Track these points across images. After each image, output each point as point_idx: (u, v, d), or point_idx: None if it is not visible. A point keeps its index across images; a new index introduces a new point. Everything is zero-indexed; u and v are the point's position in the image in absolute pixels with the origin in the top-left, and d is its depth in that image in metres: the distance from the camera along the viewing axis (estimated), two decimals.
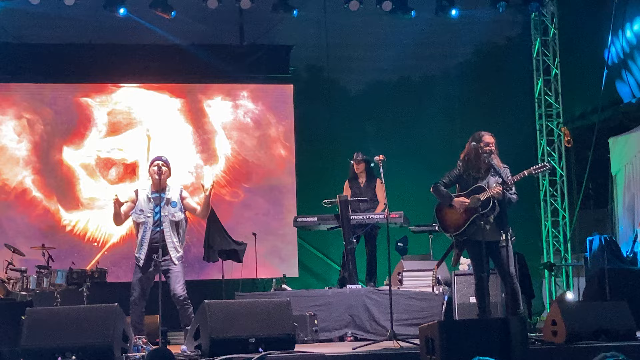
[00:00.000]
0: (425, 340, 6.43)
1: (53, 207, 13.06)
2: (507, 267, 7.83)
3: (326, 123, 13.69)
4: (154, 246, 8.01)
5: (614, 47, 12.89)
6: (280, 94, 14.08)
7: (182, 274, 8.19)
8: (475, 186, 7.94)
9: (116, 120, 13.45)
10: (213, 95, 13.86)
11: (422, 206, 10.08)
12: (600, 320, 7.41)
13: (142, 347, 7.47)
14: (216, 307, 7.18)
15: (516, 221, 8.77)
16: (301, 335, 8.59)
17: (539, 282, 13.09)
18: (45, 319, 7.00)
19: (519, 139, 13.40)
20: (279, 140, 13.89)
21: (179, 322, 8.25)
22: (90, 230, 13.12)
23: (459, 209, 7.92)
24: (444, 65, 14.30)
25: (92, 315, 6.99)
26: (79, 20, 12.77)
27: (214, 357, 6.71)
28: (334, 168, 12.35)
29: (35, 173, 13.09)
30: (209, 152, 13.66)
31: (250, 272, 12.10)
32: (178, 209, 8.23)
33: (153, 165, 8.27)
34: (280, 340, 7.05)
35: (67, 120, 13.30)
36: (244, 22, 13.70)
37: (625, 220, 12.42)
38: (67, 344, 6.60)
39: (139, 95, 13.60)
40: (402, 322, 8.86)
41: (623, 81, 12.86)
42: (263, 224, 13.15)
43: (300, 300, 9.17)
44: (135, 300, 8.12)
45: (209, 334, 6.89)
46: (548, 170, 8.22)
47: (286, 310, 7.32)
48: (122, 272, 12.05)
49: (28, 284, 10.61)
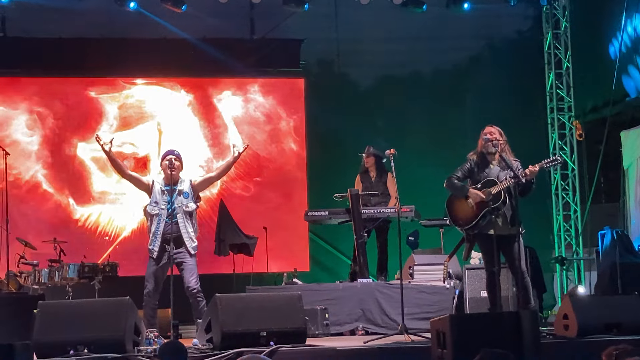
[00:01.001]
0: (437, 334, 6.42)
1: (64, 201, 13.11)
2: (518, 261, 7.83)
3: (337, 117, 13.67)
4: (167, 238, 8.03)
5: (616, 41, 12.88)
6: (291, 88, 14.08)
7: (196, 266, 8.22)
8: (487, 179, 7.93)
9: (127, 115, 13.48)
10: (224, 89, 13.86)
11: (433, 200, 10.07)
12: (612, 314, 7.39)
13: (154, 341, 7.49)
14: (227, 300, 7.19)
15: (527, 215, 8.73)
16: (312, 329, 8.59)
17: (550, 276, 13.06)
18: (57, 312, 7.02)
19: (530, 132, 13.37)
20: (289, 134, 13.90)
21: (191, 316, 8.27)
22: (101, 224, 13.16)
23: (473, 201, 7.90)
24: (455, 59, 14.26)
25: (104, 309, 7.02)
26: (90, 14, 12.77)
27: (225, 350, 6.72)
28: (344, 162, 12.33)
29: (46, 167, 13.12)
30: (220, 146, 13.67)
31: (261, 266, 12.12)
32: (190, 199, 8.26)
33: (165, 159, 8.29)
34: (292, 334, 7.06)
35: (79, 114, 13.33)
36: (254, 16, 13.67)
37: (637, 213, 12.38)
38: (79, 338, 6.61)
39: (150, 90, 13.62)
40: (413, 316, 8.85)
41: (629, 76, 12.82)
42: (274, 218, 13.14)
43: (311, 294, 9.18)
44: (150, 292, 8.14)
45: (220, 327, 6.90)
46: (560, 163, 8.21)
47: (297, 304, 7.32)
48: (133, 265, 12.05)
49: (40, 277, 10.65)
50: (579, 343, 7.12)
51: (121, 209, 13.19)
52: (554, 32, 13.87)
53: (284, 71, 14.06)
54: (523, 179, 7.76)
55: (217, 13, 13.03)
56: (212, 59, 13.37)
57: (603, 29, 13.35)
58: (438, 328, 6.42)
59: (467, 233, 8.08)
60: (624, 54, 12.64)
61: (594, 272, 12.02)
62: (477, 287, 9.64)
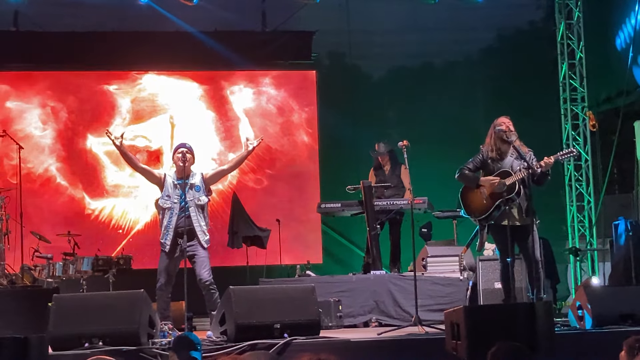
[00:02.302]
0: (451, 325, 6.41)
1: (78, 195, 13.15)
2: (533, 251, 7.81)
3: (349, 109, 13.66)
4: (179, 231, 8.05)
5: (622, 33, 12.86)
6: (303, 80, 14.08)
7: (208, 259, 8.23)
8: (501, 171, 7.92)
9: (140, 108, 13.50)
10: (236, 81, 13.87)
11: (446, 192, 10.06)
12: (626, 305, 7.36)
13: (169, 333, 7.52)
14: (241, 293, 7.21)
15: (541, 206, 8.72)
16: (326, 321, 8.60)
17: (564, 267, 13.03)
18: (72, 305, 7.06)
19: (543, 123, 13.32)
20: (302, 126, 13.89)
21: (205, 308, 8.29)
22: (115, 217, 13.20)
23: (486, 191, 7.89)
24: (467, 50, 14.22)
25: (119, 302, 7.04)
26: (102, 7, 12.79)
27: (239, 342, 6.73)
28: (357, 154, 12.34)
29: (60, 161, 13.17)
30: (232, 139, 13.68)
31: (275, 259, 12.14)
32: (202, 192, 8.27)
33: (177, 152, 8.30)
34: (305, 326, 7.07)
35: (91, 108, 13.36)
36: (266, 9, 13.67)
37: None
38: (94, 330, 6.64)
39: (162, 83, 13.64)
40: (427, 307, 8.84)
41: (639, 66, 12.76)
42: (287, 211, 13.15)
43: (325, 286, 9.18)
44: (162, 286, 8.16)
45: (234, 319, 6.91)
46: (575, 155, 8.20)
47: (311, 296, 7.33)
48: (147, 258, 12.09)
49: (54, 271, 10.69)
50: (593, 334, 7.11)
51: (134, 202, 13.23)
52: (566, 22, 13.80)
53: (296, 63, 14.05)
54: (538, 170, 7.74)
55: (229, 6, 13.05)
56: (224, 52, 13.38)
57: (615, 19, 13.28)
58: (452, 319, 6.41)
59: (481, 224, 8.07)
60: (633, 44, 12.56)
61: (608, 263, 11.98)
62: (491, 278, 9.64)
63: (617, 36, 13.31)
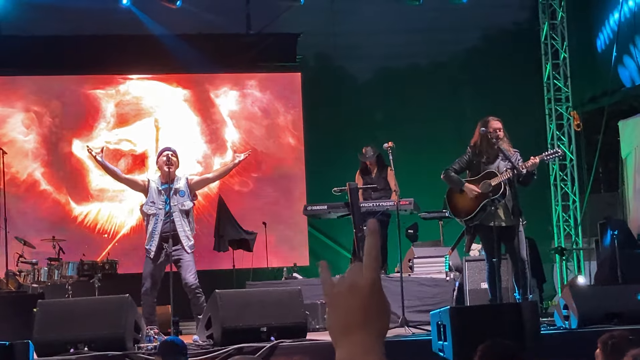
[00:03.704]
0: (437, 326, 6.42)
1: (63, 199, 13.09)
2: (519, 252, 7.83)
3: (335, 111, 13.65)
4: (164, 237, 8.02)
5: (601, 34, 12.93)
6: (288, 82, 14.06)
7: (194, 263, 8.21)
8: (486, 171, 7.93)
9: (124, 112, 13.45)
10: (221, 84, 13.84)
11: (432, 193, 10.07)
12: (612, 304, 7.39)
13: (154, 338, 7.49)
14: (227, 296, 7.19)
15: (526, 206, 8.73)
16: (313, 324, 8.58)
17: (550, 266, 13.05)
18: (57, 311, 7.03)
19: (528, 123, 13.35)
20: (287, 129, 13.87)
21: (191, 312, 8.27)
22: (100, 222, 13.14)
23: (470, 194, 7.91)
24: (452, 51, 14.24)
25: (104, 307, 7.02)
26: (86, 12, 12.74)
27: (226, 346, 6.71)
28: (343, 156, 12.32)
29: (44, 165, 13.10)
30: (217, 142, 13.65)
31: (261, 261, 12.11)
32: (187, 197, 8.25)
33: (162, 156, 8.28)
34: (292, 329, 7.06)
35: (76, 112, 13.30)
36: (250, 11, 13.65)
37: (636, 203, 12.36)
38: (79, 336, 6.62)
39: (147, 86, 13.60)
40: (414, 308, 8.84)
41: (624, 66, 12.82)
42: (273, 213, 13.13)
43: (312, 288, 9.16)
44: (147, 291, 8.13)
45: (220, 323, 6.89)
46: (560, 156, 8.22)
47: (297, 299, 7.32)
48: (132, 263, 12.03)
49: (39, 276, 10.62)
50: (579, 333, 7.12)
51: (120, 206, 13.17)
52: (550, 22, 13.84)
53: (281, 66, 14.03)
54: (523, 170, 7.77)
55: (213, 8, 13.01)
56: (208, 55, 13.35)
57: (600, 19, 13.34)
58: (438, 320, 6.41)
59: (467, 225, 8.08)
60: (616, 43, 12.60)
61: (594, 262, 12.01)
62: (477, 278, 9.64)
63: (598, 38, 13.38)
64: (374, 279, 1.73)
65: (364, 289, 1.72)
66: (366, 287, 1.72)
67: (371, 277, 1.73)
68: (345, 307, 1.72)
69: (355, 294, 1.72)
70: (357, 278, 1.73)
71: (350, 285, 1.73)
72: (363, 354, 1.69)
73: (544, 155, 7.96)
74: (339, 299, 1.73)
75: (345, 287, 1.73)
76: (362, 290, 1.72)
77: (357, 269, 1.75)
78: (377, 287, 1.73)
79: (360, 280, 1.73)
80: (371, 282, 1.73)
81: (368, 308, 1.71)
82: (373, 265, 1.74)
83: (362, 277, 1.73)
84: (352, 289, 1.72)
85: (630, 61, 12.62)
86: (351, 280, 1.74)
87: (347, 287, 1.73)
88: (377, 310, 1.72)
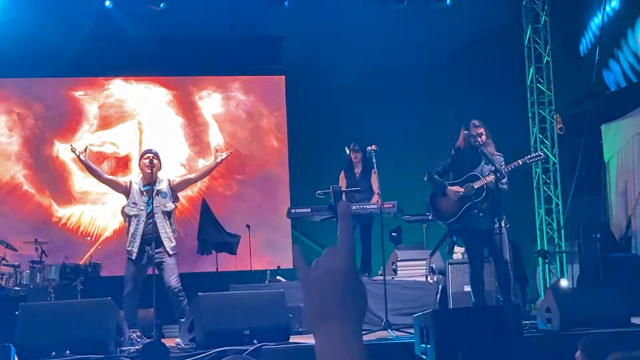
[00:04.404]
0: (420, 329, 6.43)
1: (46, 202, 13.03)
2: (502, 254, 7.86)
3: (319, 114, 13.65)
4: (146, 238, 7.99)
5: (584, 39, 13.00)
6: (272, 85, 14.06)
7: (176, 266, 8.18)
8: (469, 174, 7.96)
9: (107, 114, 13.41)
10: (205, 87, 13.82)
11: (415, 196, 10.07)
12: (594, 307, 7.42)
13: (137, 341, 7.47)
14: (210, 299, 7.17)
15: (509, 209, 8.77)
16: (296, 327, 8.57)
17: (532, 269, 13.09)
18: (39, 314, 6.99)
19: (511, 126, 13.37)
20: (271, 131, 13.87)
21: (173, 315, 8.24)
22: (83, 225, 13.09)
23: (453, 197, 7.94)
24: (435, 54, 14.25)
25: (86, 310, 6.99)
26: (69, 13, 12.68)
27: (208, 349, 6.70)
28: (327, 159, 12.32)
29: (27, 168, 13.04)
30: (201, 145, 13.63)
31: (244, 264, 12.08)
32: (168, 199, 8.23)
33: (144, 158, 8.26)
34: (275, 332, 7.05)
35: (58, 114, 13.25)
36: (235, 14, 13.63)
37: (619, 206, 12.43)
38: (62, 339, 6.58)
39: (130, 89, 13.56)
40: (397, 311, 8.84)
41: (609, 70, 12.89)
42: (256, 216, 13.12)
43: (295, 291, 9.13)
44: (129, 294, 8.10)
45: (203, 326, 6.88)
46: (542, 159, 8.25)
47: (280, 302, 7.32)
48: (115, 266, 12.00)
49: (21, 279, 10.58)
50: (561, 336, 7.15)
51: (103, 209, 13.12)
52: (533, 26, 13.90)
53: (265, 68, 14.03)
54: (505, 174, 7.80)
55: (197, 11, 12.98)
56: (192, 57, 13.33)
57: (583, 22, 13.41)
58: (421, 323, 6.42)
59: (450, 227, 8.10)
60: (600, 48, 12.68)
61: (577, 265, 12.07)
62: (460, 281, 9.66)
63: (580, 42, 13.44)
64: (349, 263, 1.71)
65: (340, 273, 1.70)
66: (342, 271, 1.70)
67: (346, 260, 1.71)
68: (321, 293, 1.70)
69: (331, 279, 1.70)
70: (332, 262, 1.72)
71: (325, 270, 1.71)
72: (342, 340, 1.68)
73: (527, 158, 7.99)
74: (315, 284, 1.72)
75: (321, 272, 1.72)
76: (337, 274, 1.70)
77: (332, 253, 1.73)
78: (353, 271, 1.72)
79: (336, 264, 1.71)
80: (347, 265, 1.71)
81: (344, 293, 1.69)
82: (348, 248, 1.72)
83: (338, 261, 1.72)
84: (328, 273, 1.71)
85: (616, 65, 12.68)
86: (327, 265, 1.72)
87: (322, 272, 1.72)
88: (353, 295, 1.70)
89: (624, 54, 12.45)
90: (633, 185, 12.02)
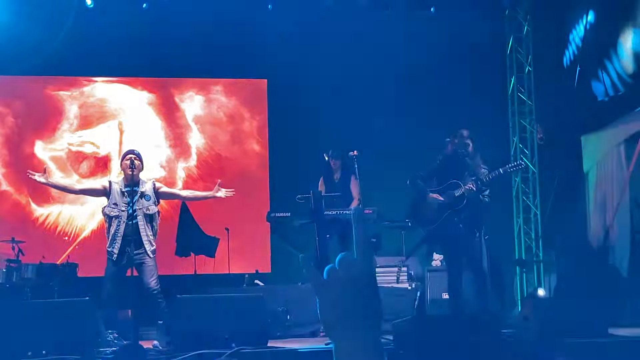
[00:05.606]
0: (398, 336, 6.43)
1: (23, 201, 12.95)
2: (480, 263, 7.88)
3: (300, 118, 13.64)
4: (127, 240, 7.96)
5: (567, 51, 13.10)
6: (254, 89, 14.05)
7: (156, 267, 8.14)
8: (451, 182, 7.99)
9: (88, 114, 13.35)
10: (186, 89, 13.79)
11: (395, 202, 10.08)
12: (572, 317, 7.45)
13: (114, 342, 7.43)
14: (188, 302, 7.15)
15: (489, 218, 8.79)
16: (273, 331, 8.57)
17: (510, 278, 13.14)
18: (16, 313, 6.93)
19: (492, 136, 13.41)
20: (252, 135, 13.86)
21: (151, 317, 8.20)
22: (61, 224, 13.02)
23: (434, 204, 7.96)
24: (417, 62, 14.26)
25: (64, 310, 6.95)
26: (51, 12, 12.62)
27: (186, 352, 6.67)
28: (307, 163, 12.31)
29: (5, 166, 12.96)
30: (181, 147, 13.59)
31: (223, 267, 12.06)
32: (152, 202, 8.19)
33: (126, 159, 8.21)
34: (253, 336, 7.04)
35: (38, 113, 13.18)
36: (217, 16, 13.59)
37: (597, 217, 12.50)
38: (38, 339, 6.54)
39: (111, 89, 13.51)
40: None
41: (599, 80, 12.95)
42: (236, 219, 13.08)
43: (273, 295, 9.16)
44: (108, 294, 8.05)
45: (181, 329, 6.86)
46: (522, 168, 8.29)
47: (259, 306, 7.30)
48: (93, 266, 11.92)
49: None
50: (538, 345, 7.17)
51: (81, 209, 13.06)
52: (515, 36, 13.97)
53: (247, 72, 14.00)
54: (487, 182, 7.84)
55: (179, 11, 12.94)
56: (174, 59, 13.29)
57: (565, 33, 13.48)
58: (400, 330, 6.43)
59: (429, 234, 8.13)
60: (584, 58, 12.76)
61: (554, 274, 12.13)
62: (439, 288, 9.69)
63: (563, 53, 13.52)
64: (369, 269, 1.72)
65: (360, 280, 1.70)
66: (362, 277, 1.71)
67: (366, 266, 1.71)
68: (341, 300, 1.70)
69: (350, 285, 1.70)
70: (350, 270, 1.71)
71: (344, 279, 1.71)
72: (363, 348, 1.68)
73: (507, 167, 8.03)
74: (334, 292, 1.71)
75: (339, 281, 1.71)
76: (357, 281, 1.70)
77: (348, 261, 1.73)
78: (373, 277, 1.72)
79: (355, 272, 1.71)
80: (367, 272, 1.71)
81: (364, 299, 1.69)
82: (367, 253, 1.73)
83: (356, 267, 1.71)
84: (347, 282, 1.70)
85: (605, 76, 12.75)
86: (345, 272, 1.72)
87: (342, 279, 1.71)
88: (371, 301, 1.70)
89: (614, 65, 12.53)
90: (612, 196, 12.08)
